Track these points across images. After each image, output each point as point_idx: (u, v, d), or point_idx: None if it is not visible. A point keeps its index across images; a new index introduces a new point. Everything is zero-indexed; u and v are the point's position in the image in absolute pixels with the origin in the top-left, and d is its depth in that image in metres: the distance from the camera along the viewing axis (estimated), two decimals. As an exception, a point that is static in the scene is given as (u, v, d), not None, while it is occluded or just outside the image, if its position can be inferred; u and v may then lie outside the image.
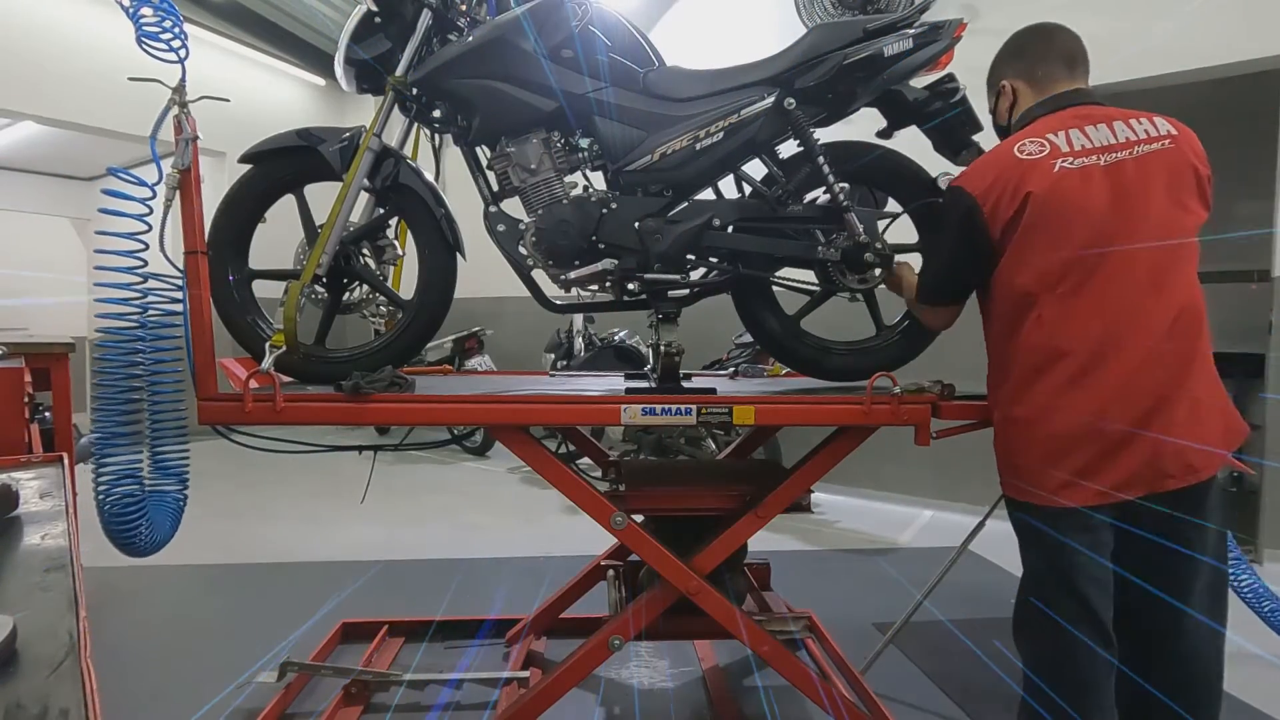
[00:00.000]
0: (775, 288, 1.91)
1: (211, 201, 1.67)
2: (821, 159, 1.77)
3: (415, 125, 1.89)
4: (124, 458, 1.54)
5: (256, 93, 7.05)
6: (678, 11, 5.75)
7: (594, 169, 1.84)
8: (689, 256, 1.80)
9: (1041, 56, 1.59)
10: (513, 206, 1.82)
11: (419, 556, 3.66)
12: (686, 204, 1.80)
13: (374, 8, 1.79)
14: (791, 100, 1.75)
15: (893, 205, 1.92)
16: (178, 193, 1.57)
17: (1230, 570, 1.85)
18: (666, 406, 1.61)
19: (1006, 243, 1.48)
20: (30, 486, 1.22)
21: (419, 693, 2.16)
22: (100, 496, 1.52)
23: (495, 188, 1.85)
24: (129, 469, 1.55)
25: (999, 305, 1.54)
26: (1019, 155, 1.47)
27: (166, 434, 1.62)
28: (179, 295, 1.59)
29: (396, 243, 1.89)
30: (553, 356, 5.53)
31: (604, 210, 1.77)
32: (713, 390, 1.75)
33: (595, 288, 1.83)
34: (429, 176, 1.84)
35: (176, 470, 1.64)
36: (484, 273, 2.87)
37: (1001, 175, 1.47)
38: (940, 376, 1.74)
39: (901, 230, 1.86)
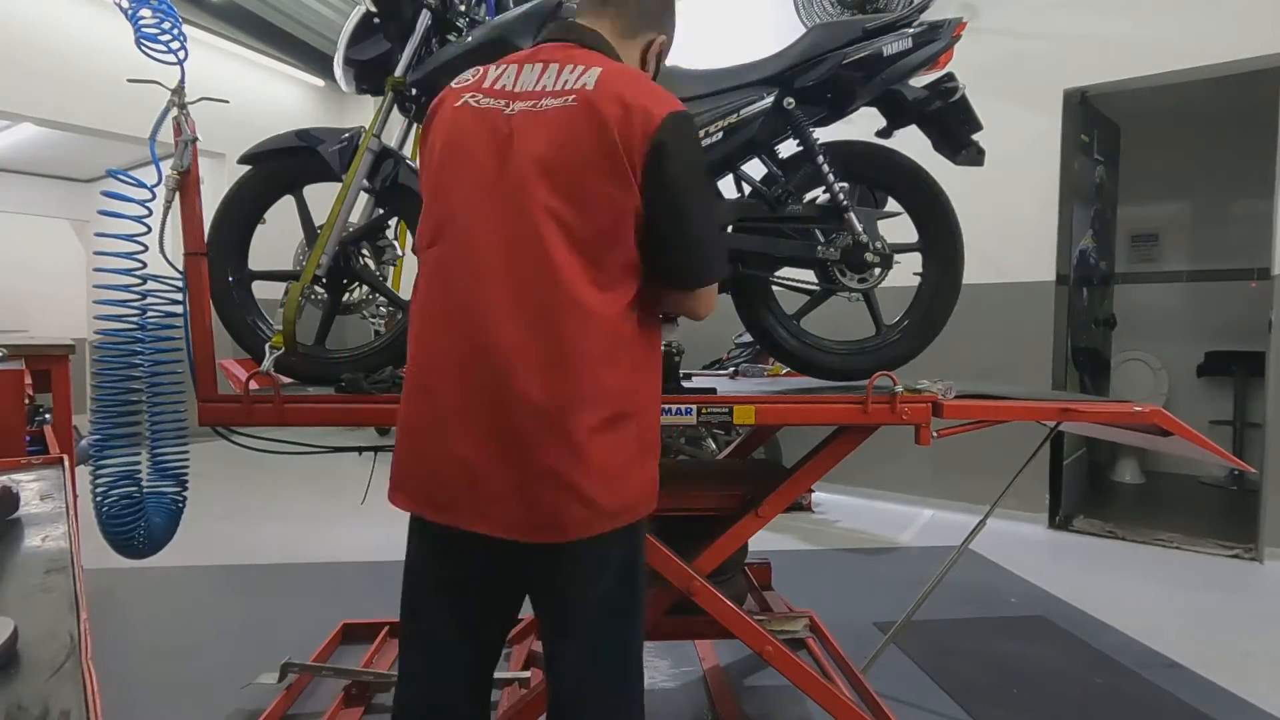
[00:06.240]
0: (775, 288, 1.91)
1: (211, 203, 1.67)
2: (821, 158, 1.77)
3: (415, 125, 1.89)
4: (122, 459, 1.54)
5: (256, 94, 7.04)
6: (677, 11, 5.74)
7: (593, 169, 1.84)
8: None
9: None
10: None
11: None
12: (686, 204, 1.80)
13: (373, 8, 1.79)
14: (791, 100, 1.74)
15: (892, 205, 1.92)
16: (177, 194, 1.58)
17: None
18: (667, 406, 1.61)
19: None
20: (31, 489, 1.22)
21: (420, 693, 2.16)
22: (97, 498, 1.52)
23: (494, 188, 1.85)
24: (127, 470, 1.55)
25: None
26: (453, 84, 1.22)
27: (166, 435, 1.62)
28: (179, 297, 1.59)
29: (396, 243, 1.89)
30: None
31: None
32: (713, 390, 1.75)
33: (595, 288, 1.83)
34: (428, 177, 1.83)
35: (176, 472, 1.64)
36: (484, 273, 2.87)
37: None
38: (940, 376, 1.74)
39: (901, 230, 1.87)
